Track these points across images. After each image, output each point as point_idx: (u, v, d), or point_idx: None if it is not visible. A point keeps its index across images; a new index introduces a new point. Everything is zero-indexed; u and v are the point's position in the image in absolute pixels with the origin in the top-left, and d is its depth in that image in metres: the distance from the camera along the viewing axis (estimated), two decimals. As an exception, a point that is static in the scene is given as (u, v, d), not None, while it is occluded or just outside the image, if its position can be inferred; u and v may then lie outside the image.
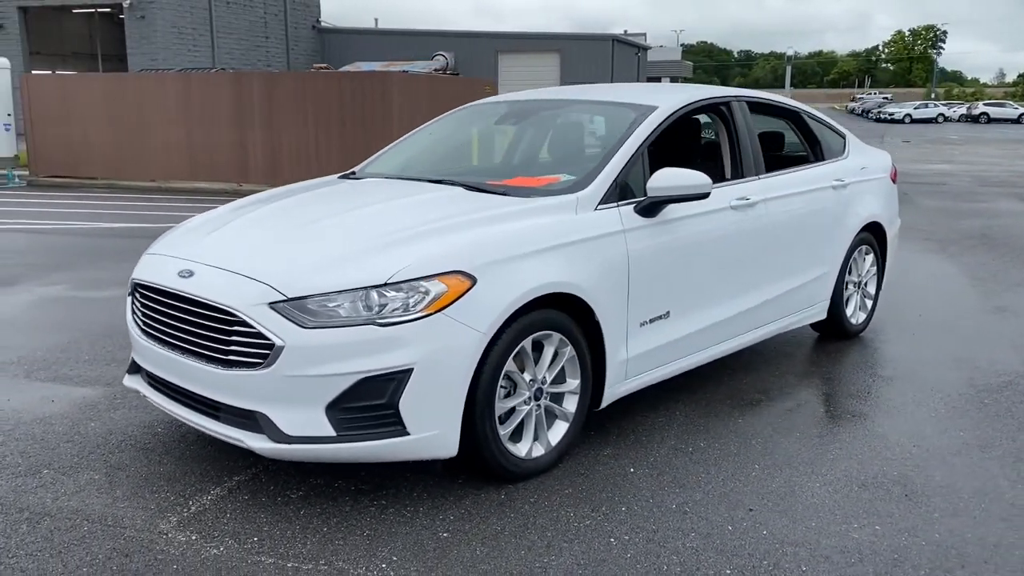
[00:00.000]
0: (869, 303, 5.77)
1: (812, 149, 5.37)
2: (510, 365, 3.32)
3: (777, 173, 4.82)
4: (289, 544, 2.97)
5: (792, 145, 5.56)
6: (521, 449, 3.45)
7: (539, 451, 3.53)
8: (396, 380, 3.03)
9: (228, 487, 3.39)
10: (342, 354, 3.00)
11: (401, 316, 3.04)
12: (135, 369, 3.75)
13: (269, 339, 3.02)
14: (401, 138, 5.01)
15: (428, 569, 2.82)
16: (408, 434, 3.08)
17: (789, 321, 5.01)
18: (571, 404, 3.65)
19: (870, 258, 5.67)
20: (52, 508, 3.22)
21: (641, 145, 4.04)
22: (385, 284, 3.06)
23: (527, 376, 3.44)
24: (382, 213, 3.65)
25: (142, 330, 3.58)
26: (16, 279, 7.45)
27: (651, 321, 3.96)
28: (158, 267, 3.52)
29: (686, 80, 79.13)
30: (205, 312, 3.20)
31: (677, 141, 5.00)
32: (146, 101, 15.39)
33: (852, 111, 78.08)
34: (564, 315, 3.51)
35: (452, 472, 3.52)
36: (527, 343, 3.38)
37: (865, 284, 5.71)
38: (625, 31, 51.21)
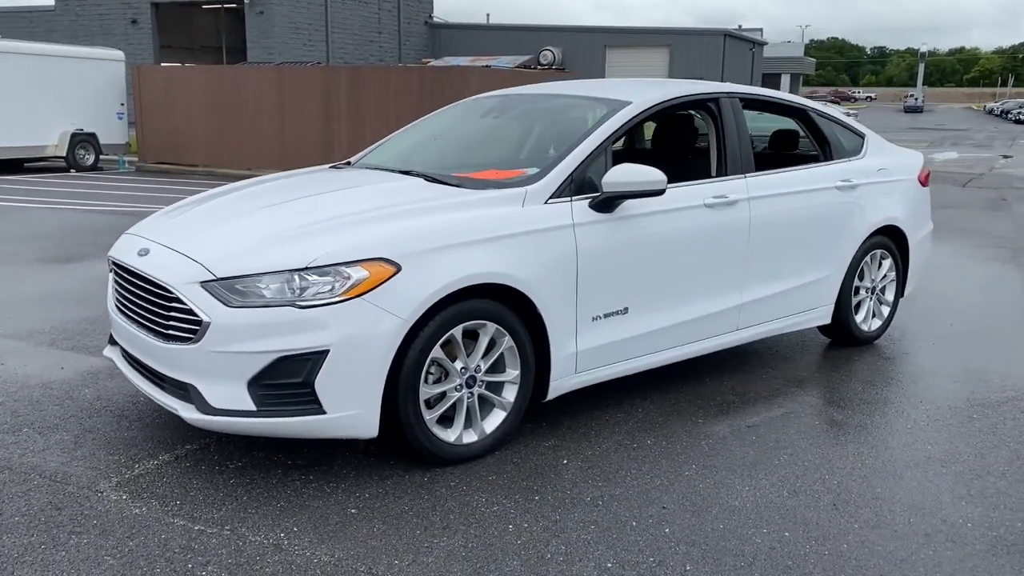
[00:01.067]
0: (886, 310, 5.56)
1: (821, 148, 5.22)
2: (438, 352, 3.41)
3: (769, 172, 4.72)
4: (205, 509, 3.16)
5: (806, 144, 5.42)
6: (450, 435, 3.54)
7: (471, 438, 3.61)
8: (312, 360, 3.17)
9: (176, 454, 3.62)
10: (262, 333, 3.16)
11: (320, 299, 3.18)
12: (114, 341, 4.03)
13: (198, 316, 3.22)
14: (400, 129, 5.16)
15: (320, 541, 2.95)
16: (325, 413, 3.21)
17: (784, 324, 4.90)
18: (510, 394, 3.71)
19: (887, 263, 5.46)
20: (15, 463, 3.52)
21: (605, 141, 4.05)
22: (306, 268, 3.21)
23: (459, 364, 3.52)
24: (332, 200, 3.80)
25: (115, 304, 3.85)
26: (83, 256, 8.02)
27: (605, 316, 3.97)
28: (126, 246, 3.78)
29: (807, 77, 76.55)
30: (152, 288, 3.44)
31: (665, 137, 4.96)
32: (243, 93, 16.14)
33: (991, 111, 73.97)
34: (501, 305, 3.57)
35: (389, 453, 3.65)
36: (457, 331, 3.46)
37: (881, 290, 5.51)
38: (740, 26, 50.03)
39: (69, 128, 16.42)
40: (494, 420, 3.69)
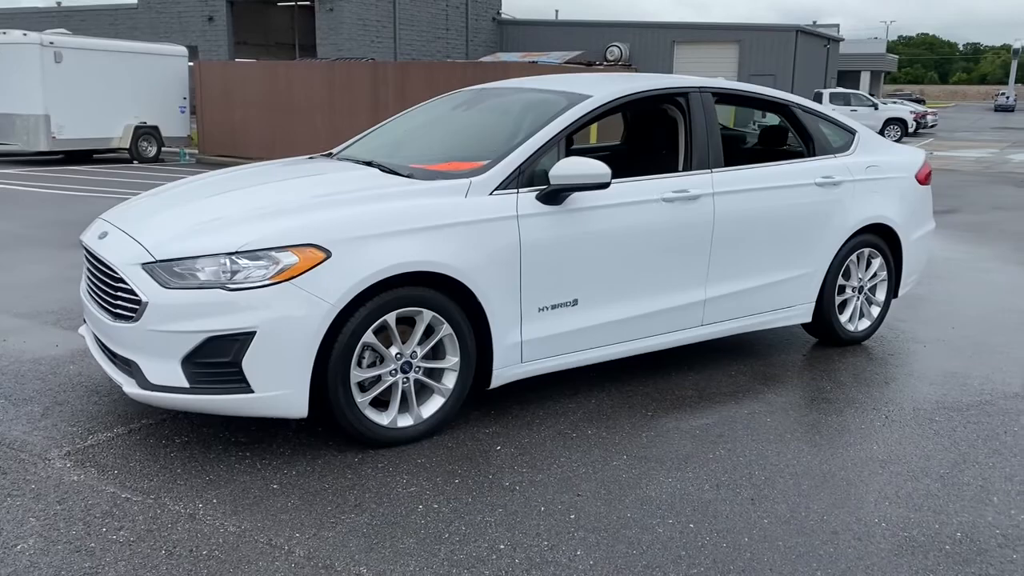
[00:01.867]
0: (876, 310, 5.46)
1: (805, 144, 5.15)
2: (370, 337, 3.52)
3: (740, 167, 4.69)
4: (138, 479, 3.33)
5: (795, 140, 5.36)
6: (384, 418, 3.65)
7: (406, 422, 3.71)
8: (240, 341, 3.31)
9: (131, 428, 3.82)
10: (194, 314, 3.32)
11: (249, 283, 3.32)
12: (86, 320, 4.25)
13: (138, 296, 3.39)
14: (383, 122, 5.28)
15: (233, 512, 3.10)
16: (253, 392, 3.36)
17: (757, 321, 4.87)
18: (450, 380, 3.80)
19: (877, 262, 5.36)
20: (-19, 430, 3.76)
21: (558, 134, 4.09)
22: (237, 252, 3.35)
23: (393, 350, 3.62)
24: (281, 188, 3.95)
25: (85, 284, 4.07)
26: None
27: (553, 307, 4.02)
28: (92, 229, 4.00)
29: (888, 74, 74.24)
30: (104, 269, 3.63)
31: (638, 132, 4.96)
32: (295, 88, 16.56)
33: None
34: (438, 294, 3.66)
35: (331, 434, 3.77)
36: (391, 318, 3.56)
37: (870, 290, 5.40)
38: (814, 22, 48.88)
39: (133, 121, 17.10)
40: (432, 406, 3.79)
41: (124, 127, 17.03)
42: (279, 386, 3.38)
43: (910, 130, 32.30)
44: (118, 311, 3.53)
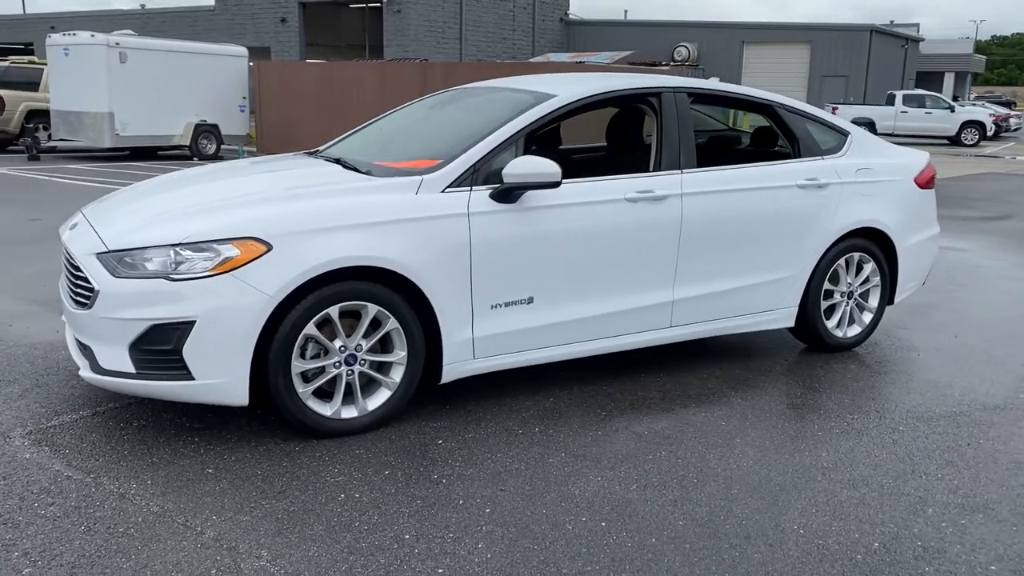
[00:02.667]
0: (868, 316, 5.33)
1: (790, 145, 5.07)
2: (312, 329, 3.62)
3: (714, 168, 4.64)
4: (85, 459, 3.50)
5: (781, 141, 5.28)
6: (327, 409, 3.74)
7: (350, 413, 3.80)
8: (180, 330, 3.45)
9: (97, 411, 4.00)
10: (139, 302, 3.47)
11: (192, 273, 3.45)
12: (71, 307, 4.46)
13: (91, 284, 3.56)
14: (370, 120, 5.38)
15: (162, 493, 3.23)
16: (193, 379, 3.49)
17: (734, 324, 4.81)
18: (397, 374, 3.87)
19: (869, 267, 5.23)
20: (-41, 408, 3.99)
21: (516, 134, 4.13)
22: (181, 244, 3.49)
23: (338, 342, 3.71)
24: (239, 183, 4.08)
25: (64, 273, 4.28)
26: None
27: (507, 305, 4.06)
28: (69, 221, 4.19)
29: (978, 76, 71.49)
30: (69, 258, 3.82)
31: (614, 131, 4.96)
32: (348, 87, 16.89)
33: None
34: (385, 288, 3.73)
35: (281, 423, 3.88)
36: (333, 311, 3.65)
37: (861, 295, 5.28)
38: (892, 21, 47.45)
39: (193, 119, 17.68)
40: (379, 398, 3.86)
41: (185, 125, 17.62)
42: (219, 374, 3.50)
43: (988, 133, 31.14)
44: (78, 298, 3.70)
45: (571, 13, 43.50)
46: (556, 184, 3.94)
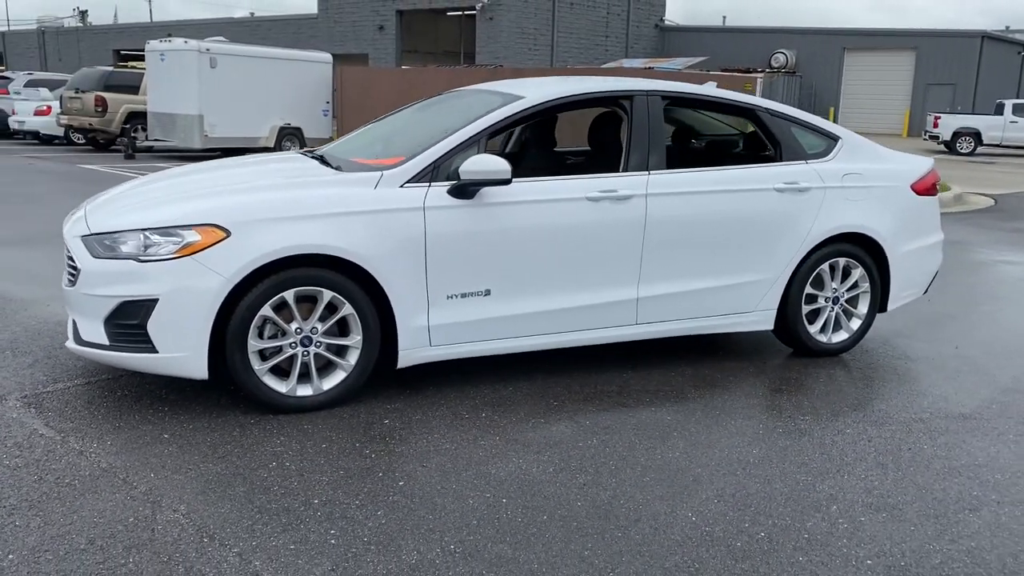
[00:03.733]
0: (857, 323, 5.29)
1: (773, 148, 5.10)
2: (268, 311, 3.92)
3: (684, 170, 4.74)
4: (63, 420, 3.89)
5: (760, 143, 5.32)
6: (283, 386, 4.03)
7: (305, 392, 4.08)
8: (145, 307, 3.80)
9: (89, 381, 4.40)
10: (112, 281, 3.84)
11: (158, 256, 3.80)
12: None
13: (76, 263, 3.95)
14: (374, 120, 5.67)
15: (117, 452, 3.57)
16: (157, 352, 3.83)
17: (704, 324, 4.89)
18: (353, 357, 4.13)
19: (857, 273, 5.21)
20: (-27, 373, 4.47)
21: (478, 133, 4.34)
22: (150, 228, 3.84)
23: (294, 324, 4.00)
24: (220, 176, 4.42)
25: (73, 256, 4.72)
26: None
27: (463, 296, 4.27)
28: (74, 211, 4.62)
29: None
30: (66, 242, 4.24)
31: (593, 132, 5.10)
32: (423, 92, 17.36)
33: None
34: (340, 275, 4.00)
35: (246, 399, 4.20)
36: (289, 295, 3.94)
37: (848, 301, 5.25)
38: (1007, 27, 45.21)
39: (278, 122, 18.51)
40: (334, 379, 4.13)
41: (270, 128, 18.45)
42: (179, 349, 3.83)
43: (1106, 145, 29.39)
44: (70, 276, 4.11)
45: (667, 19, 43.20)
46: (507, 181, 4.13)
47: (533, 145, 5.92)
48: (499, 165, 4.09)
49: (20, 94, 21.67)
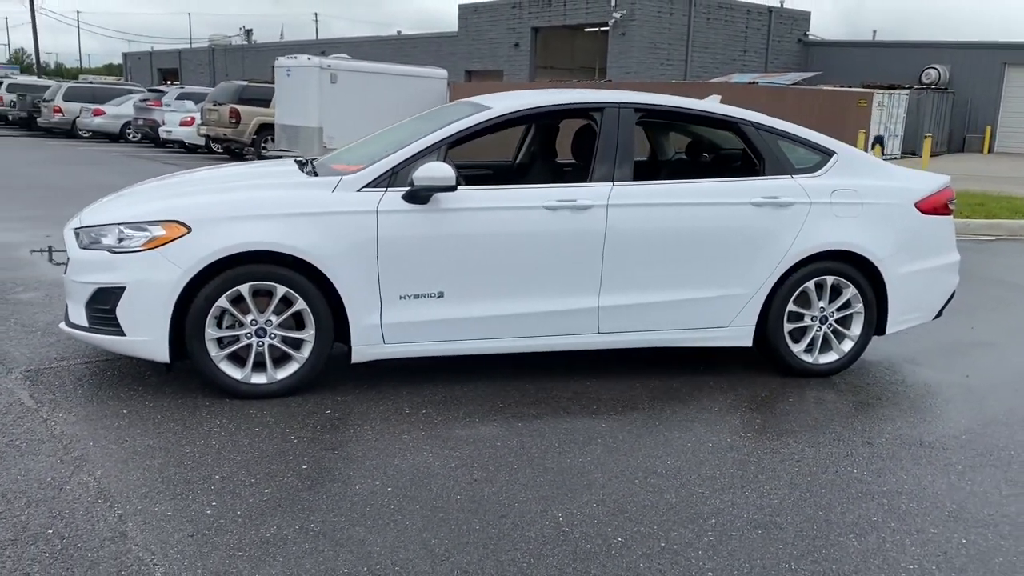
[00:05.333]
0: (849, 345, 5.11)
1: (757, 162, 5.03)
2: (224, 303, 4.24)
3: (651, 183, 4.76)
4: (46, 392, 4.35)
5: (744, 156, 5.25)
6: (238, 373, 4.35)
7: (260, 379, 4.38)
8: (115, 294, 4.21)
9: (89, 360, 4.88)
10: (91, 269, 4.27)
11: (128, 248, 4.21)
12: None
13: (67, 252, 4.43)
14: (382, 128, 5.96)
15: (75, 422, 3.97)
16: (125, 335, 4.23)
17: (673, 337, 4.87)
18: (306, 350, 4.41)
19: (849, 292, 5.03)
20: (-2, 349, 5.04)
21: (439, 142, 4.54)
22: (125, 223, 4.25)
23: (250, 317, 4.32)
24: (203, 176, 4.81)
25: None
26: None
27: (415, 297, 4.47)
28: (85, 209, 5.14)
29: None
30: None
31: (574, 142, 5.20)
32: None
33: None
34: (294, 272, 4.29)
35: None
36: (245, 289, 4.26)
37: (839, 322, 5.08)
38: None
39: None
40: (288, 369, 4.41)
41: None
42: (143, 333, 4.22)
43: None
44: (66, 265, 4.59)
45: (811, 33, 41.78)
46: (453, 188, 4.31)
47: (538, 156, 6.05)
48: (446, 172, 4.27)
49: (170, 106, 23.54)
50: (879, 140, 13.16)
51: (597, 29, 40.04)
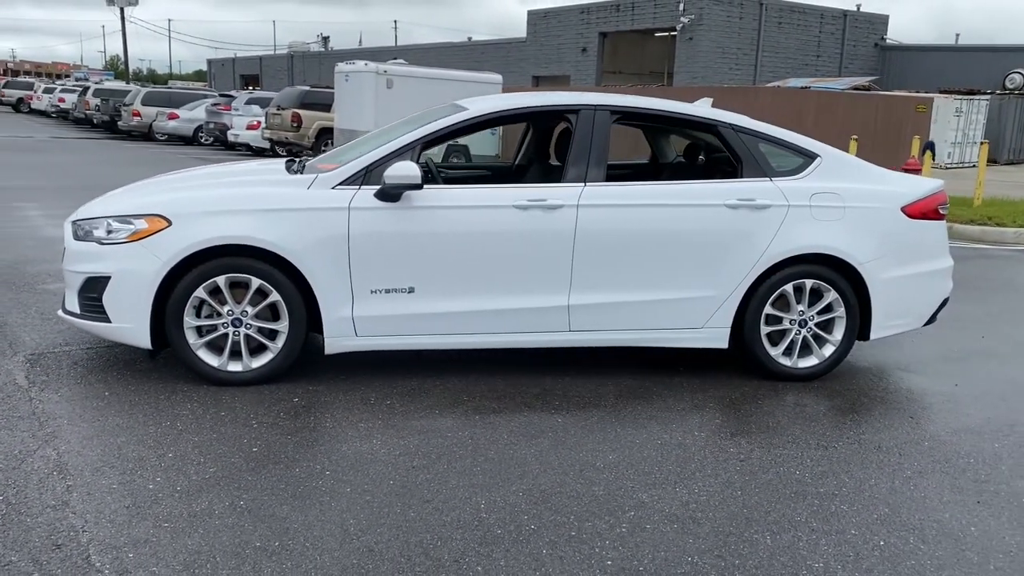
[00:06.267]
0: (830, 349, 5.07)
1: (735, 165, 5.03)
2: (202, 293, 4.47)
3: (624, 184, 4.81)
4: (41, 374, 4.64)
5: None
6: (215, 360, 4.57)
7: (236, 367, 4.59)
8: (102, 282, 4.47)
9: (89, 346, 5.18)
10: (83, 259, 4.55)
11: (113, 240, 4.47)
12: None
13: (64, 243, 4.73)
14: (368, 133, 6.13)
15: (56, 402, 4.24)
16: (110, 322, 4.50)
17: (645, 336, 4.91)
18: (280, 341, 4.60)
19: (830, 296, 5.00)
20: (2, 323, 5.38)
21: (413, 142, 4.70)
22: (112, 216, 4.52)
23: (226, 307, 4.54)
24: (194, 174, 5.05)
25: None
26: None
27: (386, 291, 4.63)
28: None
29: None
30: (70, 228, 5.04)
31: (557, 144, 5.28)
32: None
33: None
34: (268, 265, 4.49)
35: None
36: (221, 280, 4.48)
37: (819, 326, 5.04)
38: None
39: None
40: (263, 359, 4.62)
41: (439, 146, 19.52)
42: (127, 320, 4.47)
43: None
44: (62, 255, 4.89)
45: (889, 37, 40.69)
46: (419, 186, 4.45)
47: (534, 158, 6.15)
48: (412, 171, 4.42)
49: (239, 110, 24.35)
50: (930, 146, 12.79)
51: (666, 34, 39.82)
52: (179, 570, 2.82)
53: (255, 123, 22.74)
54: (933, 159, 12.29)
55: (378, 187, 4.56)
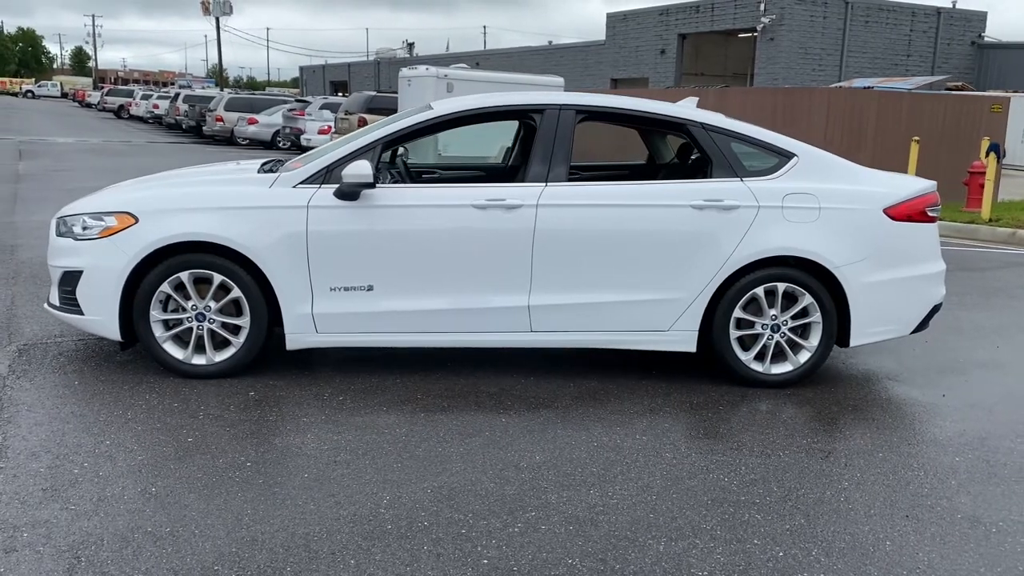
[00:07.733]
0: (806, 355, 4.90)
1: (706, 165, 4.92)
2: (167, 288, 4.63)
3: (586, 184, 4.77)
4: (27, 364, 4.88)
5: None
6: (180, 353, 4.73)
7: (200, 360, 4.74)
8: (76, 276, 4.68)
9: (79, 339, 5.42)
10: (61, 254, 4.78)
11: (87, 236, 4.68)
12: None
13: (49, 239, 4.97)
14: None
15: (35, 389, 4.46)
16: (83, 314, 4.71)
17: (609, 338, 4.85)
18: (243, 336, 4.73)
19: (805, 300, 4.83)
20: None
21: (374, 142, 4.76)
22: (87, 214, 4.73)
23: (190, 302, 4.69)
24: (177, 174, 5.22)
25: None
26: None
27: (345, 289, 4.70)
28: (95, 200, 5.69)
29: None
30: (62, 225, 5.29)
31: (521, 143, 5.24)
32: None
33: None
34: (228, 262, 4.63)
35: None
36: (185, 276, 4.63)
37: (794, 331, 4.88)
38: None
39: (507, 143, 19.62)
40: (226, 353, 4.75)
41: (499, 148, 19.60)
42: (97, 313, 4.67)
43: None
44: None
45: (986, 35, 38.86)
46: (371, 185, 4.52)
47: (521, 159, 6.13)
48: (365, 170, 4.48)
49: (312, 116, 24.99)
50: (994, 148, 12.20)
51: (751, 35, 39.00)
52: (64, 551, 2.94)
53: (326, 127, 23.28)
54: (998, 160, 11.69)
55: (336, 186, 4.63)
